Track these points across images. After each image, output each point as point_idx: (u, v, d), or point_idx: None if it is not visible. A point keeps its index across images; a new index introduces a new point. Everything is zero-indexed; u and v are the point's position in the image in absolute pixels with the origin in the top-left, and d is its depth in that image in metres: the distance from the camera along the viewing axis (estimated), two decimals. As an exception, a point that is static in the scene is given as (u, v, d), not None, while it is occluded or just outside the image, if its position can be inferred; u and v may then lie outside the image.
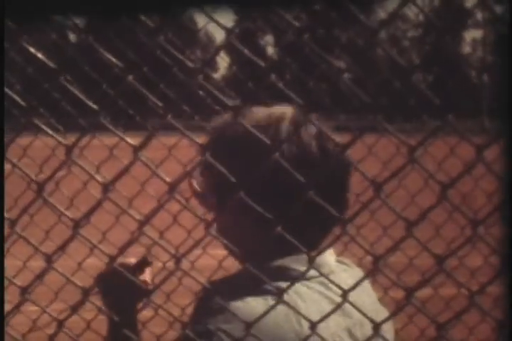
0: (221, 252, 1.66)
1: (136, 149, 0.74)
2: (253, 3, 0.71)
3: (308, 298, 1.31)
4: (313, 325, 1.11)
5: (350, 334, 1.37)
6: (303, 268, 1.34)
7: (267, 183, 1.27)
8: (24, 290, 0.90)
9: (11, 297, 1.39)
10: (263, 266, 1.31)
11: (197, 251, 1.32)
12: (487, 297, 1.12)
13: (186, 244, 1.50)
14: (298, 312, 1.20)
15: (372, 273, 0.85)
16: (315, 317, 1.14)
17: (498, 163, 0.80)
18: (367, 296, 1.50)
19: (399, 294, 1.51)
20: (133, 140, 0.83)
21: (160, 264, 2.91)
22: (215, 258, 2.88)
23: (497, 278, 0.70)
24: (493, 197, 3.07)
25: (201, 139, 1.07)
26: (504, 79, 0.63)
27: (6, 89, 0.82)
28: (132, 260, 1.88)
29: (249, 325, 1.11)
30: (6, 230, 0.90)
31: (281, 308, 1.23)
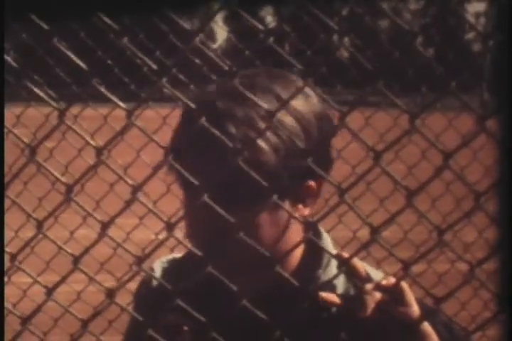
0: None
1: (130, 113, 0.72)
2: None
3: None
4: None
5: None
6: None
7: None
8: (14, 257, 0.89)
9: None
10: None
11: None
12: (481, 271, 1.12)
13: (179, 214, 1.48)
14: None
15: (369, 244, 0.84)
16: None
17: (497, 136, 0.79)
18: None
19: (392, 268, 1.50)
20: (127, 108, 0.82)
21: (152, 236, 2.91)
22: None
23: (495, 253, 0.68)
24: (491, 170, 3.05)
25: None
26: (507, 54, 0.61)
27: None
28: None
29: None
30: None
31: None
